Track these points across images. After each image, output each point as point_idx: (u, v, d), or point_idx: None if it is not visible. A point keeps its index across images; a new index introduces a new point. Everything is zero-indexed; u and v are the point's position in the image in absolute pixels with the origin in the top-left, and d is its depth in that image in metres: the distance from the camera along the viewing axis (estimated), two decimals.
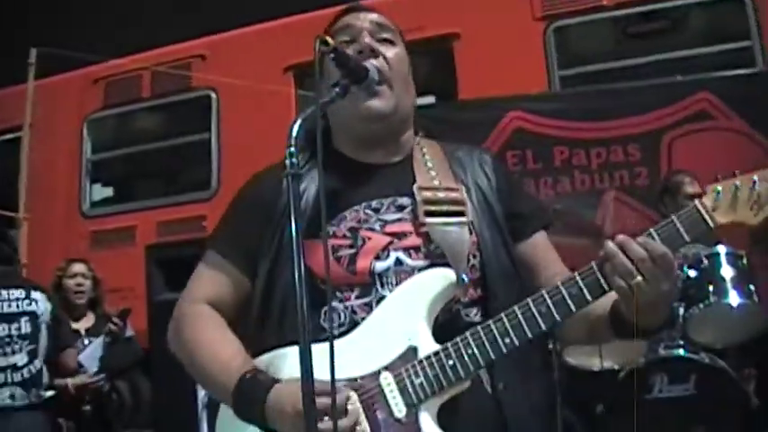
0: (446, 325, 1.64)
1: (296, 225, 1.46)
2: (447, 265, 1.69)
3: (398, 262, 1.73)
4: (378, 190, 1.83)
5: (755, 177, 1.59)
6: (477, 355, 1.60)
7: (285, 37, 7.16)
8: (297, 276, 1.42)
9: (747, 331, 4.13)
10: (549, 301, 1.59)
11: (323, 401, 1.42)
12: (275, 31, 7.38)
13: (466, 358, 1.60)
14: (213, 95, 7.53)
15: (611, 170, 5.71)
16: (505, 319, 1.61)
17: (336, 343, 1.45)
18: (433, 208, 1.76)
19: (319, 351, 1.39)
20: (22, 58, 7.82)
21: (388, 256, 1.73)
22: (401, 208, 1.79)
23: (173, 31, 7.75)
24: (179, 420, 4.81)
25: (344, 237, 1.77)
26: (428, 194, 1.78)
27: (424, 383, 1.60)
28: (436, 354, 1.61)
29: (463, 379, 1.60)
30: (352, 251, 1.75)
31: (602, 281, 1.58)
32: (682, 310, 4.11)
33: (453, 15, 6.63)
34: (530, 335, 1.59)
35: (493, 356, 1.60)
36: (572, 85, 6.37)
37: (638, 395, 3.94)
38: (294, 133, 1.53)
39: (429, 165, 1.87)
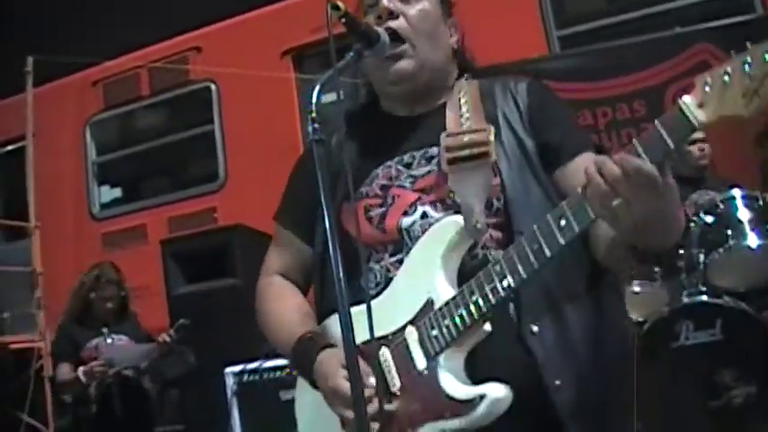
0: (476, 270, 1.61)
1: (323, 189, 1.48)
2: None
3: (424, 215, 1.74)
4: (411, 142, 1.85)
5: (747, 57, 1.30)
6: (480, 300, 1.56)
7: (280, 22, 7.16)
8: (330, 239, 1.45)
9: None
10: (539, 237, 1.49)
11: (362, 365, 1.48)
12: (270, 17, 7.36)
13: (471, 305, 1.57)
14: (213, 87, 7.54)
15: (618, 128, 5.70)
16: (503, 261, 1.54)
17: (373, 303, 1.52)
18: (455, 154, 1.73)
19: (358, 313, 1.44)
20: (19, 67, 7.81)
21: (414, 210, 1.75)
22: (430, 159, 1.80)
23: (166, 27, 7.74)
24: (209, 410, 4.83)
25: (376, 196, 1.80)
26: (451, 141, 1.75)
27: (438, 335, 1.60)
28: (447, 304, 1.60)
29: (470, 325, 1.56)
30: (383, 210, 1.78)
31: (588, 208, 1.43)
32: (702, 257, 4.11)
33: None
34: (524, 275, 1.50)
35: (494, 301, 1.54)
36: (571, 45, 6.35)
37: (665, 344, 3.94)
38: (314, 100, 1.53)
39: (463, 108, 1.83)
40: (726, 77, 1.32)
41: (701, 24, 5.87)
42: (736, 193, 4.20)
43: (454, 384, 1.58)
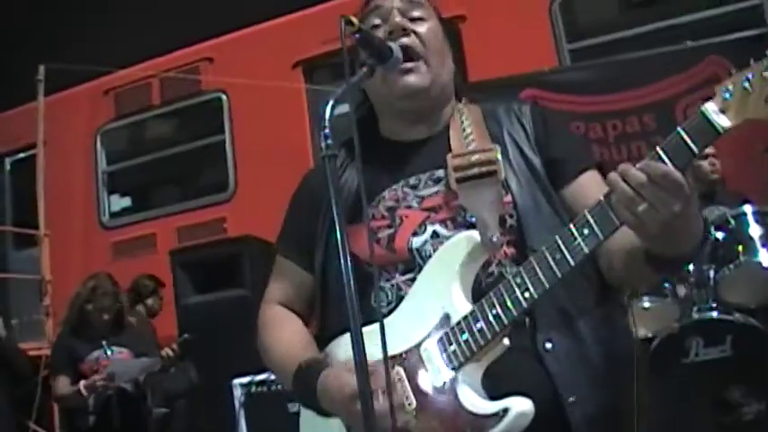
0: (491, 287, 1.60)
1: (336, 205, 1.47)
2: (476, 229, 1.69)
3: (435, 234, 1.73)
4: (416, 166, 1.84)
5: (766, 62, 1.36)
6: (501, 313, 1.54)
7: (291, 33, 7.19)
8: (342, 259, 1.44)
9: None
10: (562, 246, 1.49)
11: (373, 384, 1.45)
12: (281, 29, 7.40)
13: (491, 318, 1.55)
14: (224, 97, 7.57)
15: (628, 141, 5.70)
16: (524, 273, 1.53)
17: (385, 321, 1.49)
18: (464, 173, 1.73)
19: (370, 332, 1.43)
20: (30, 75, 7.86)
21: (424, 230, 1.75)
22: (438, 180, 1.80)
23: (179, 37, 7.77)
24: (217, 421, 4.82)
25: (383, 217, 1.80)
26: (459, 161, 1.75)
27: (457, 350, 1.58)
28: (465, 318, 1.59)
29: (491, 340, 1.55)
30: (391, 231, 1.77)
31: (612, 215, 1.43)
32: (712, 273, 4.09)
33: None
34: (547, 285, 1.50)
35: (515, 313, 1.53)
36: (581, 58, 6.36)
37: (675, 360, 3.92)
38: (327, 115, 1.53)
39: (467, 130, 1.84)
40: (746, 84, 1.37)
41: (712, 38, 5.86)
42: (748, 209, 4.18)
43: (475, 399, 1.56)
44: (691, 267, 4.19)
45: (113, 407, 4.95)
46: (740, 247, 4.06)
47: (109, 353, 5.12)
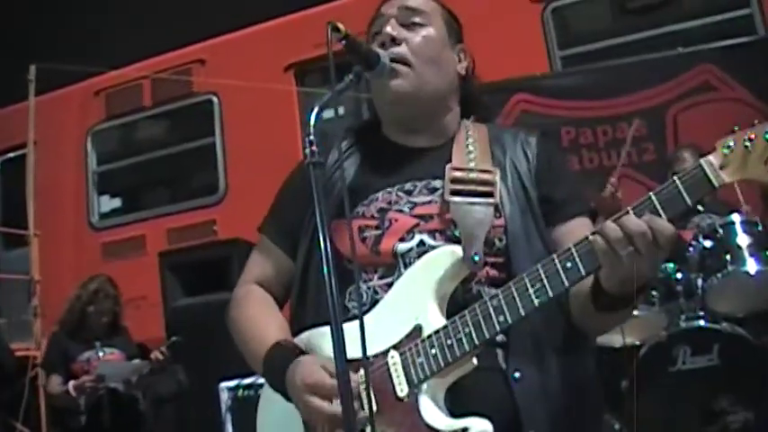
0: (468, 304, 1.61)
1: (320, 213, 1.47)
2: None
3: (421, 243, 1.73)
4: (413, 172, 1.84)
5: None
6: (473, 333, 1.55)
7: (283, 36, 7.19)
8: (325, 263, 1.44)
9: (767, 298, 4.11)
10: (543, 276, 1.51)
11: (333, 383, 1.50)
12: (273, 31, 7.40)
13: (462, 337, 1.55)
14: (215, 99, 7.56)
15: (618, 147, 5.69)
16: (501, 296, 1.55)
17: (354, 323, 1.49)
18: (460, 187, 1.75)
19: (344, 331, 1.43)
20: (21, 75, 7.83)
21: (412, 237, 1.75)
22: (433, 190, 1.80)
23: (171, 38, 7.76)
24: (204, 424, 4.81)
25: (372, 217, 1.80)
26: (458, 174, 1.77)
27: (424, 363, 1.58)
28: (437, 332, 1.59)
29: (459, 358, 1.55)
30: (378, 232, 1.78)
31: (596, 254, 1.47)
32: (700, 281, 4.10)
33: (449, 3, 6.61)
34: (523, 312, 1.52)
35: (487, 335, 1.54)
36: (573, 65, 6.37)
37: (662, 368, 3.93)
38: (312, 122, 1.53)
39: (470, 147, 1.85)
40: (747, 143, 1.40)
41: (704, 45, 5.88)
42: (736, 218, 4.18)
43: (435, 414, 1.56)
44: (679, 276, 4.20)
45: (104, 407, 4.95)
46: (728, 257, 4.05)
47: (100, 354, 5.12)
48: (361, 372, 1.60)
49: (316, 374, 1.58)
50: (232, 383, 4.46)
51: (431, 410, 1.56)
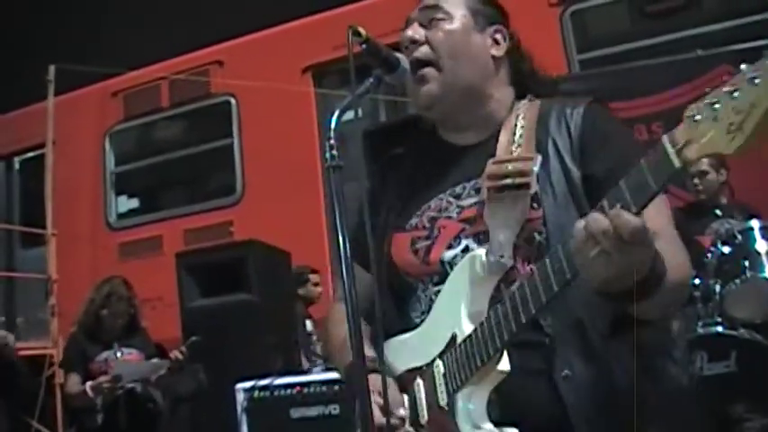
0: None
1: (339, 216, 1.48)
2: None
3: (467, 249, 1.70)
4: (462, 173, 1.79)
5: (735, 83, 1.15)
6: (488, 339, 1.51)
7: (301, 38, 7.20)
8: (344, 268, 1.46)
9: None
10: (537, 277, 1.43)
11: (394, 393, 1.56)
12: (291, 33, 7.41)
13: (482, 342, 1.52)
14: (233, 101, 7.59)
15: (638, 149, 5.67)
16: (507, 301, 1.49)
17: (413, 333, 1.65)
18: (495, 183, 1.65)
19: (402, 341, 1.54)
20: (41, 75, 7.88)
21: (459, 243, 1.72)
22: (479, 190, 1.72)
23: (189, 39, 7.79)
24: (219, 425, 4.82)
25: (424, 227, 1.78)
26: (495, 168, 1.67)
27: (457, 372, 1.57)
28: (464, 341, 1.57)
29: (481, 365, 1.52)
30: (428, 242, 1.76)
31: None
32: (718, 287, 4.08)
33: None
34: (523, 318, 1.45)
35: (506, 337, 1.47)
36: (591, 68, 6.35)
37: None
38: (333, 126, 1.52)
39: (517, 134, 1.74)
40: (716, 106, 1.17)
41: (723, 47, 5.84)
42: (755, 224, 4.17)
43: (470, 424, 1.54)
44: (696, 281, 4.19)
45: (121, 406, 4.96)
46: (746, 262, 4.05)
47: (118, 354, 5.14)
48: (417, 381, 1.66)
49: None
50: (248, 384, 4.47)
51: (467, 420, 1.55)
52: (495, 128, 1.79)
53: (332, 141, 1.50)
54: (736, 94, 1.14)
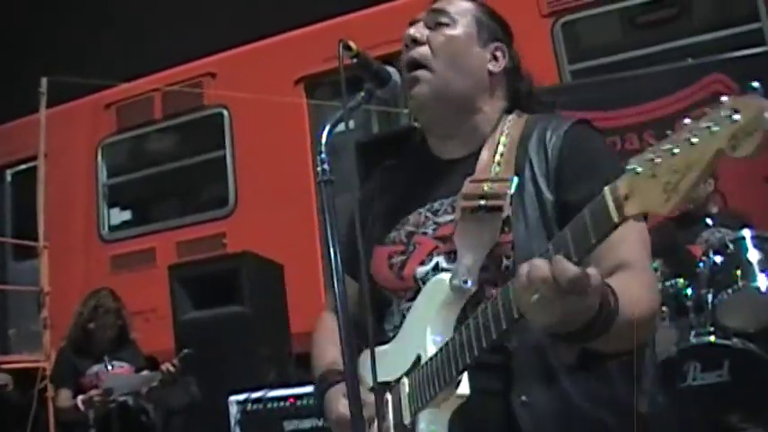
0: None
1: (331, 231, 1.48)
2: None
3: (437, 267, 1.70)
4: (443, 189, 1.78)
5: (675, 140, 1.11)
6: (449, 362, 1.49)
7: (294, 50, 7.22)
8: (336, 282, 1.46)
9: None
10: (490, 313, 1.40)
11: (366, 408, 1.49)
12: (283, 45, 7.43)
13: (443, 365, 1.50)
14: (225, 112, 7.59)
15: (627, 158, 5.65)
16: (464, 330, 1.46)
17: (385, 347, 1.65)
18: (469, 203, 1.64)
19: (378, 353, 1.47)
20: (33, 87, 7.87)
21: (431, 260, 1.72)
22: (456, 208, 1.70)
23: (181, 51, 7.80)
24: None
25: (401, 242, 1.79)
26: (471, 188, 1.66)
27: (417, 393, 1.57)
28: (427, 363, 1.56)
29: (440, 389, 1.50)
30: (404, 257, 1.76)
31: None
32: (710, 297, 4.09)
33: None
34: (478, 349, 1.42)
35: (467, 361, 1.45)
36: (583, 79, 6.36)
37: (672, 384, 3.91)
38: (324, 140, 1.53)
39: (500, 151, 1.73)
40: (657, 161, 1.13)
41: (714, 56, 5.85)
42: (747, 233, 4.18)
43: None
44: (689, 291, 4.20)
45: (114, 420, 4.94)
46: (738, 272, 4.05)
47: (109, 367, 5.12)
48: (386, 396, 1.65)
49: (336, 411, 1.67)
50: (241, 397, 4.46)
51: None
52: (479, 142, 1.79)
53: (323, 156, 1.51)
54: (675, 150, 1.10)
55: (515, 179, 1.65)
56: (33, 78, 7.84)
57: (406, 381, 1.62)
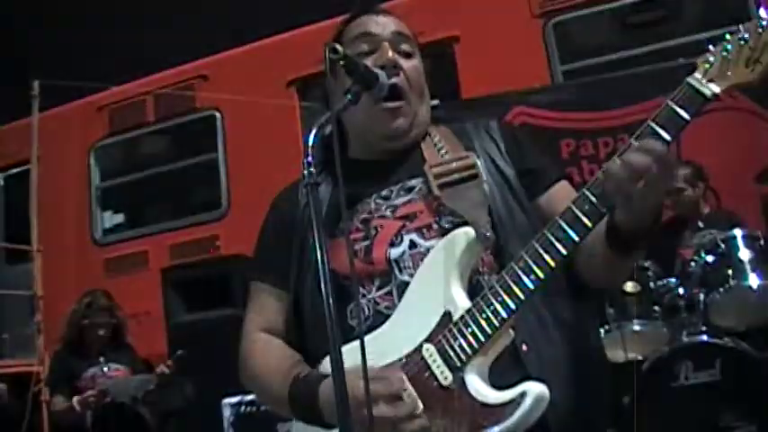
0: (472, 298, 1.60)
1: (319, 233, 1.46)
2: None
3: (413, 244, 1.72)
4: (387, 179, 1.85)
5: (744, 33, 1.50)
6: (506, 299, 1.54)
7: (285, 52, 7.21)
8: (323, 284, 1.42)
9: None
10: (562, 223, 1.53)
11: (375, 388, 1.46)
12: (275, 47, 7.42)
13: (497, 305, 1.54)
14: (218, 115, 7.58)
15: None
16: (525, 256, 1.54)
17: (370, 336, 1.56)
18: (446, 179, 1.76)
19: (352, 350, 1.40)
20: (25, 91, 7.85)
21: (401, 240, 1.73)
22: (410, 189, 1.80)
23: (173, 54, 7.79)
24: None
25: (358, 230, 1.79)
26: (439, 169, 1.78)
27: (464, 344, 1.55)
28: (469, 311, 1.57)
29: (498, 327, 1.53)
30: (367, 242, 1.76)
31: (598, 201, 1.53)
32: (702, 296, 4.10)
33: (452, 18, 6.64)
34: (552, 263, 1.52)
35: (523, 297, 1.53)
36: (575, 79, 6.37)
37: (664, 384, 3.92)
38: (311, 143, 1.54)
39: (439, 144, 1.87)
40: (725, 53, 1.50)
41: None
42: (738, 232, 4.20)
43: (487, 391, 1.53)
44: (680, 291, 4.21)
45: (110, 422, 4.94)
46: (730, 271, 4.07)
47: (105, 369, 5.13)
48: (397, 375, 1.59)
49: (358, 388, 1.44)
50: (234, 399, 4.47)
51: (482, 389, 1.53)
52: (411, 142, 1.88)
53: (309, 159, 1.51)
54: (744, 40, 1.49)
55: (473, 154, 1.81)
56: (25, 82, 7.83)
57: (429, 345, 1.60)
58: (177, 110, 7.78)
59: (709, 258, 4.19)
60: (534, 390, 1.49)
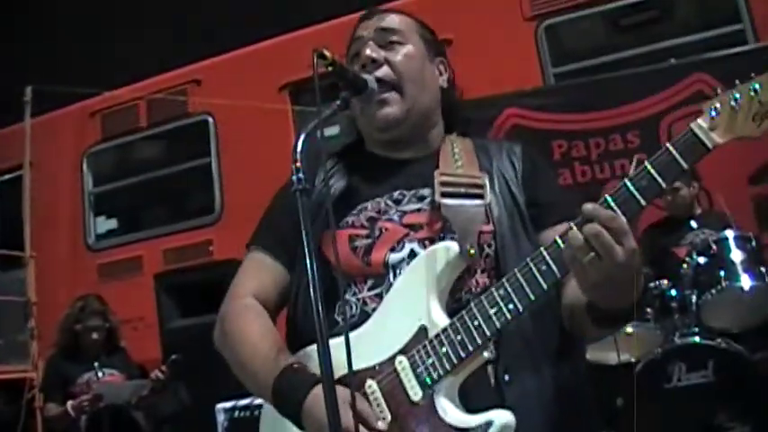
0: (455, 313, 1.59)
1: (307, 242, 1.45)
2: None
3: (412, 253, 1.72)
4: (401, 182, 1.84)
5: (756, 84, 1.45)
6: (482, 325, 1.53)
7: (278, 56, 7.19)
8: (312, 287, 1.42)
9: (761, 313, 4.12)
10: (548, 257, 1.51)
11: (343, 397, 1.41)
12: (268, 51, 7.41)
13: (473, 330, 1.53)
14: (210, 120, 7.56)
15: (611, 159, 5.69)
16: (506, 284, 1.53)
17: (351, 335, 1.47)
18: (450, 189, 1.74)
19: (335, 345, 1.38)
20: (17, 96, 7.84)
21: (402, 247, 1.73)
22: (422, 198, 1.79)
23: (166, 59, 7.78)
24: None
25: (362, 227, 1.78)
26: (446, 178, 1.77)
27: (436, 363, 1.56)
28: (444, 330, 1.56)
29: (472, 352, 1.53)
30: (369, 241, 1.76)
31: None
32: (695, 297, 4.11)
33: (444, 22, 6.61)
34: (532, 296, 1.50)
35: (498, 324, 1.52)
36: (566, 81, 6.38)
37: (657, 385, 3.93)
38: (299, 149, 1.54)
39: (456, 156, 1.85)
40: (733, 102, 1.46)
41: (696, 56, 5.87)
42: (729, 234, 4.22)
43: (455, 413, 1.53)
44: (673, 292, 4.21)
45: (105, 427, 4.93)
46: (722, 272, 4.08)
47: (99, 374, 5.11)
48: (368, 382, 1.60)
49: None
50: (228, 405, 4.45)
51: (449, 410, 1.54)
52: (432, 150, 1.89)
53: (299, 164, 1.51)
54: (755, 92, 1.44)
55: (486, 176, 1.80)
56: (18, 87, 7.82)
57: (402, 358, 1.60)
58: (170, 115, 7.77)
59: (701, 260, 4.20)
60: (501, 419, 1.49)
